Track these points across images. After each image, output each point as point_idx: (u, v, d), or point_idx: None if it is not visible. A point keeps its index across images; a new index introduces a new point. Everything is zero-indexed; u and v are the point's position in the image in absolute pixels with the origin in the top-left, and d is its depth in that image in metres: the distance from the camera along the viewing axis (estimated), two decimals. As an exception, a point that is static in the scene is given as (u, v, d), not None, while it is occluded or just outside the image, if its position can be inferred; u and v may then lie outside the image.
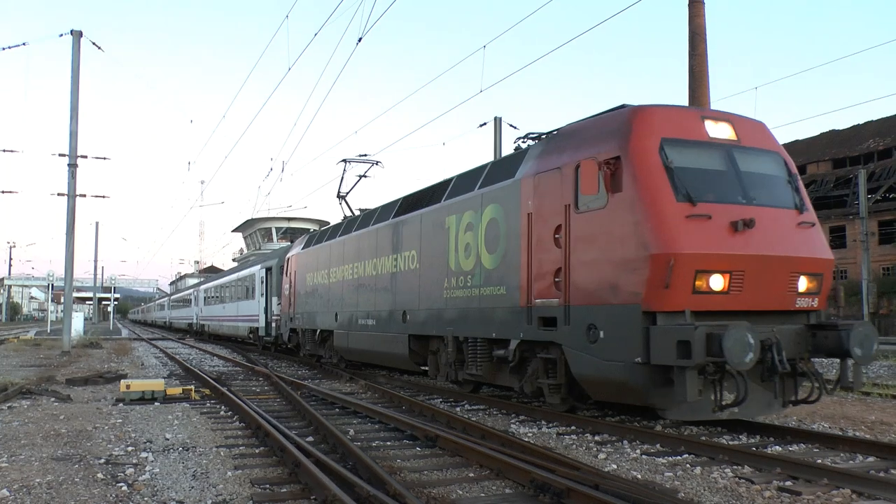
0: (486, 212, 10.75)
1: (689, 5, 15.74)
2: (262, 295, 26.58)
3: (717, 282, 7.78)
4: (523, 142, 10.78)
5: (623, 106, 9.07)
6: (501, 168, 10.86)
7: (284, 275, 22.51)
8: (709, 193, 8.06)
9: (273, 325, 24.96)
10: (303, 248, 20.83)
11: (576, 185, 8.78)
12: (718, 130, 8.65)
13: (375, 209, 16.04)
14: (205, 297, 42.73)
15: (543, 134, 10.35)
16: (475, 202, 11.09)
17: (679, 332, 7.28)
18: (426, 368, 13.08)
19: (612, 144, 8.45)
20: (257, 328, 27.07)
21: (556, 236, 9.07)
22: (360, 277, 15.69)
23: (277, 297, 24.27)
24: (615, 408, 10.12)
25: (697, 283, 7.71)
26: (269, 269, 26.12)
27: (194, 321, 46.76)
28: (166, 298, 73.68)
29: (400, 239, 13.71)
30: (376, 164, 19.62)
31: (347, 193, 19.94)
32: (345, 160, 19.41)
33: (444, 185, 12.77)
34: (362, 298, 15.51)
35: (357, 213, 18.54)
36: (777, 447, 7.81)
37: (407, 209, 13.78)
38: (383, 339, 14.19)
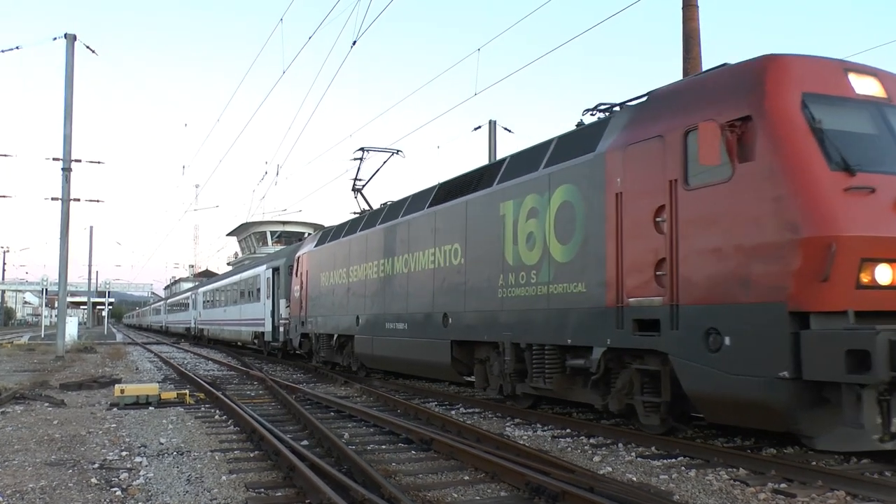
0: (556, 194, 9.13)
1: (682, 9, 15.78)
2: (268, 297, 24.97)
3: (885, 274, 6.29)
4: (592, 114, 9.33)
5: (725, 65, 7.75)
6: (574, 142, 9.23)
7: (294, 275, 21.02)
8: (866, 161, 6.58)
9: (281, 329, 23.29)
10: (316, 246, 19.07)
11: (685, 154, 7.33)
12: (865, 86, 7.22)
13: (405, 199, 14.42)
14: (204, 301, 40.64)
15: (618, 104, 8.91)
16: (540, 184, 9.45)
17: (850, 339, 5.76)
18: (472, 379, 11.82)
19: (738, 102, 6.94)
20: (262, 333, 25.50)
21: (658, 219, 7.57)
22: (388, 276, 14.12)
23: (286, 300, 22.78)
24: (730, 431, 8.63)
25: (862, 275, 6.21)
26: (276, 270, 24.42)
27: (192, 325, 44.95)
28: (162, 302, 71.43)
29: (438, 231, 12.15)
30: (397, 153, 18.44)
31: (364, 186, 18.73)
32: (362, 149, 18.32)
33: (494, 167, 11.21)
34: (390, 299, 13.93)
35: (372, 208, 17.20)
36: (772, 449, 7.81)
37: (446, 197, 12.22)
38: (417, 345, 12.68)
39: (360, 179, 18.90)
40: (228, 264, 73.03)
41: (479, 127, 24.91)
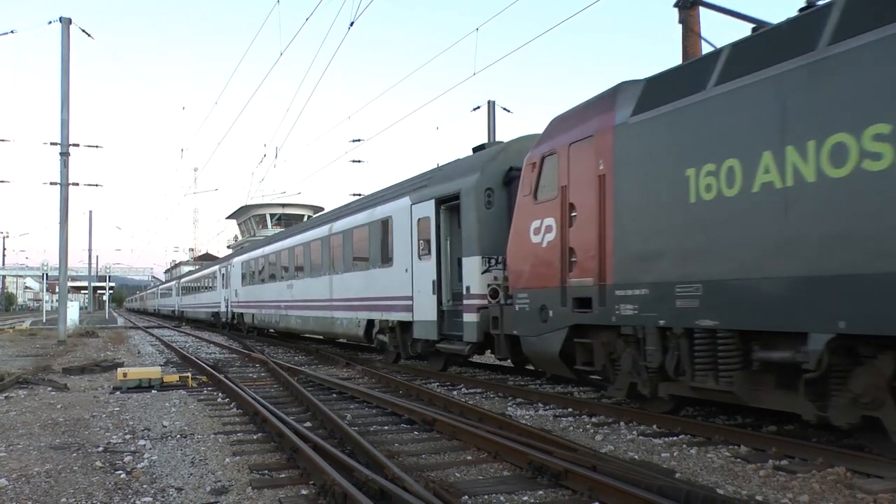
0: None
1: (682, -14, 15.63)
2: (422, 257, 13.49)
3: None
4: None
5: None
6: None
7: (530, 196, 9.90)
8: None
9: (470, 319, 11.95)
10: (635, 115, 8.04)
11: None
12: None
13: None
14: (244, 274, 29.17)
15: None
16: None
17: None
18: None
19: None
20: (409, 323, 14.03)
21: None
22: None
23: (485, 259, 11.93)
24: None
25: None
26: (445, 201, 13.01)
27: (224, 309, 33.62)
28: (174, 282, 60.01)
29: None
30: None
31: None
32: None
33: None
34: None
35: None
36: (772, 427, 7.85)
37: None
38: None
39: None
40: (228, 247, 73.00)
41: (479, 107, 24.82)
